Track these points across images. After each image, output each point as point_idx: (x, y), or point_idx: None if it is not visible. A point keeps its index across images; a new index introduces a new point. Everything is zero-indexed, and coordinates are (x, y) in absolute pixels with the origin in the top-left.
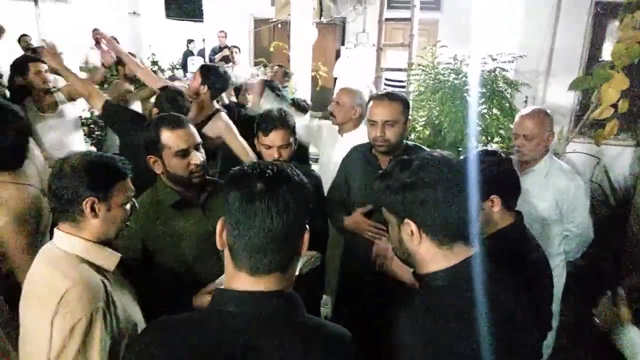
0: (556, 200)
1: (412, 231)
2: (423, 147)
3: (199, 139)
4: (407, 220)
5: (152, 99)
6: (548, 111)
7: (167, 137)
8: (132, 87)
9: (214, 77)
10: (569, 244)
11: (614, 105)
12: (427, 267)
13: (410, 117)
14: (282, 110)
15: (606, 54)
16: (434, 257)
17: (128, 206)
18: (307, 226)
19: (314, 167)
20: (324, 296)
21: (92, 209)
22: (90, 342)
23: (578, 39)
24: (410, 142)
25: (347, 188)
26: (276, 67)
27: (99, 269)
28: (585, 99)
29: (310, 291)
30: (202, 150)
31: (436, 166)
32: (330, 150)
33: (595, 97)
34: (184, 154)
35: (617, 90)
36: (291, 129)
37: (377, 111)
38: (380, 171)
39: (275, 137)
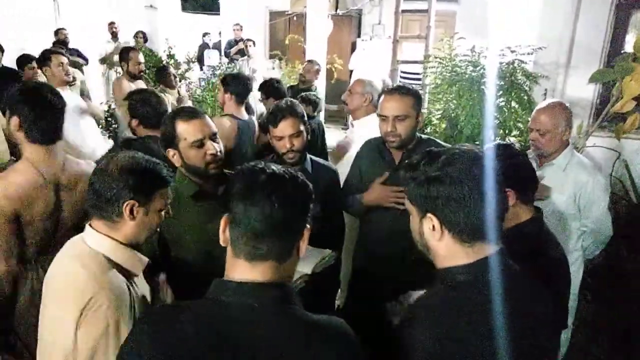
0: (574, 194)
1: (433, 226)
2: (437, 140)
3: (214, 129)
4: (429, 215)
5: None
6: (566, 104)
7: (183, 128)
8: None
9: (234, 84)
10: (586, 239)
11: (636, 99)
12: (446, 262)
13: (425, 110)
14: (288, 101)
15: (628, 46)
16: (454, 254)
17: (163, 213)
18: (307, 225)
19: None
20: (339, 291)
21: (131, 212)
22: (116, 345)
23: (599, 30)
24: (424, 136)
25: (361, 181)
26: (307, 63)
27: (123, 271)
28: (606, 92)
29: (325, 288)
30: (219, 141)
31: (464, 162)
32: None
33: (617, 90)
34: (200, 144)
35: (639, 83)
36: (300, 118)
37: (388, 105)
38: (407, 161)
39: (284, 127)
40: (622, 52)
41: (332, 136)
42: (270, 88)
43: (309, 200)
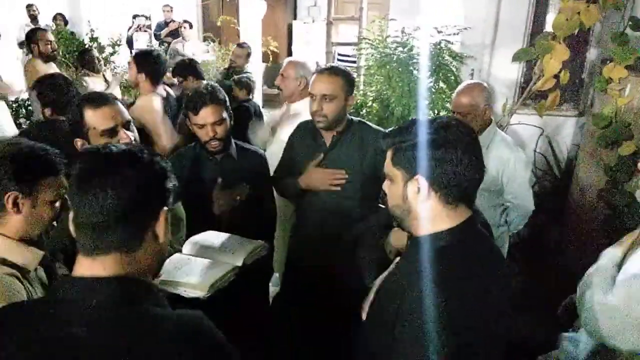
0: (497, 171)
1: (419, 188)
2: (368, 122)
3: (128, 117)
4: (417, 177)
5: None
6: (484, 84)
7: (91, 116)
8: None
9: (148, 63)
10: (510, 214)
11: (556, 77)
12: (427, 228)
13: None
14: (209, 85)
15: (549, 25)
16: (436, 216)
17: (57, 204)
18: (162, 206)
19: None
20: (275, 274)
21: (15, 204)
22: None
23: (522, 10)
24: (355, 118)
25: (294, 165)
26: (236, 47)
27: (18, 268)
28: (529, 71)
29: (257, 278)
30: (134, 129)
31: (456, 127)
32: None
33: (538, 69)
34: (111, 133)
35: (559, 61)
36: (223, 104)
37: (316, 85)
38: (390, 129)
39: (206, 114)
40: (543, 31)
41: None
42: (185, 67)
43: (158, 178)
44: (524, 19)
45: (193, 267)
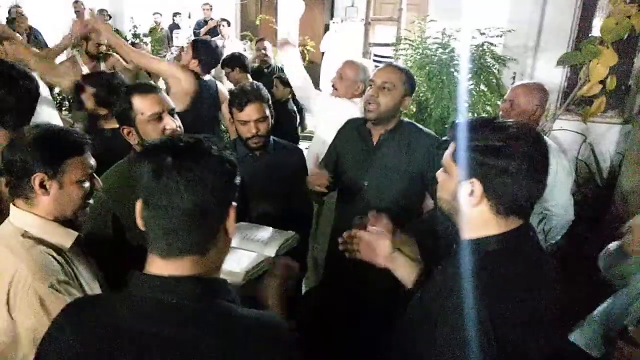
0: None
1: (473, 191)
2: (418, 125)
3: (172, 105)
4: (473, 180)
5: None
6: (545, 87)
7: (139, 102)
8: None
9: (205, 51)
10: (548, 223)
11: (602, 82)
12: (475, 231)
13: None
14: (254, 84)
15: (596, 30)
16: (485, 222)
17: (87, 184)
18: (232, 202)
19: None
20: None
21: (42, 186)
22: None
23: (568, 13)
24: (406, 119)
25: (335, 164)
26: (261, 42)
27: (54, 247)
28: (574, 76)
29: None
30: (177, 118)
31: (529, 139)
32: (320, 124)
33: (584, 74)
34: (158, 118)
35: (606, 67)
36: (266, 101)
37: (379, 73)
38: (461, 122)
39: (250, 111)
40: (589, 35)
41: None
42: (234, 59)
43: (230, 173)
44: (569, 22)
45: (228, 256)
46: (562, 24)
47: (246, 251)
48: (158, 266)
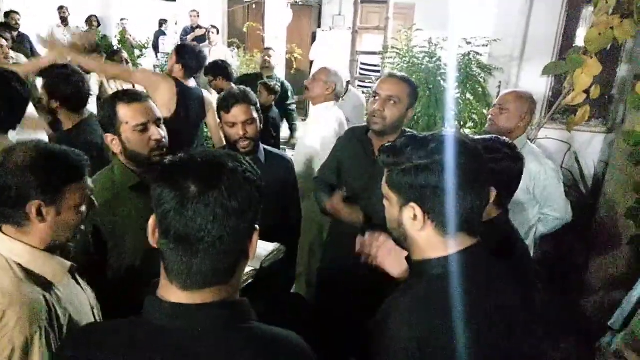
0: (526, 184)
1: (415, 215)
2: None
3: (158, 114)
4: (412, 204)
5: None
6: (534, 97)
7: (125, 111)
8: None
9: (188, 56)
10: (545, 225)
11: (586, 92)
12: (423, 254)
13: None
14: (241, 88)
15: (580, 40)
16: (434, 245)
17: (84, 208)
18: (256, 226)
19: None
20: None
21: (39, 213)
22: None
23: (552, 24)
24: (408, 131)
25: (338, 170)
26: (267, 51)
27: (42, 281)
28: (558, 85)
29: (275, 283)
30: (164, 127)
31: (455, 150)
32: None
33: (568, 83)
34: (143, 128)
35: (590, 76)
36: (254, 104)
37: (384, 85)
38: (387, 144)
39: (238, 112)
40: (573, 45)
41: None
42: (218, 67)
43: (256, 197)
44: (554, 32)
45: None
46: (547, 34)
47: None
48: (178, 296)
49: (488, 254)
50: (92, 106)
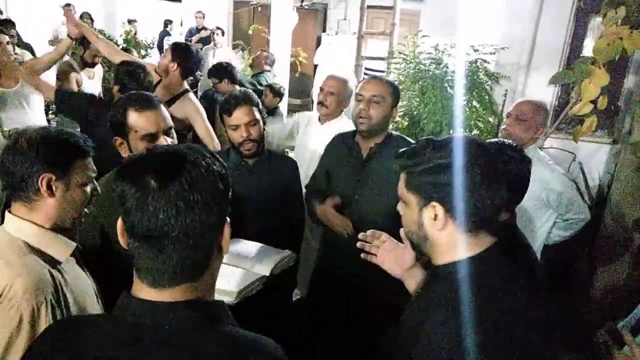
0: (539, 191)
1: (436, 215)
2: (407, 138)
3: (170, 123)
4: (434, 203)
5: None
6: (547, 108)
7: (135, 119)
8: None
9: (185, 55)
10: (566, 229)
11: (593, 102)
12: (447, 256)
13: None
14: (242, 89)
15: (587, 50)
16: (456, 245)
17: (88, 188)
18: (226, 218)
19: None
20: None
21: (49, 187)
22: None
23: (560, 33)
24: (394, 132)
25: (328, 177)
26: (262, 53)
27: (49, 259)
28: (564, 95)
29: (282, 286)
30: (174, 135)
31: (475, 150)
32: (307, 139)
33: (575, 93)
34: (151, 138)
35: (598, 86)
36: (256, 105)
37: (366, 86)
38: (403, 150)
39: (240, 114)
40: (581, 55)
41: None
42: (222, 70)
43: (222, 189)
44: (561, 42)
45: (221, 273)
46: (555, 44)
47: (239, 269)
48: (147, 293)
49: (504, 256)
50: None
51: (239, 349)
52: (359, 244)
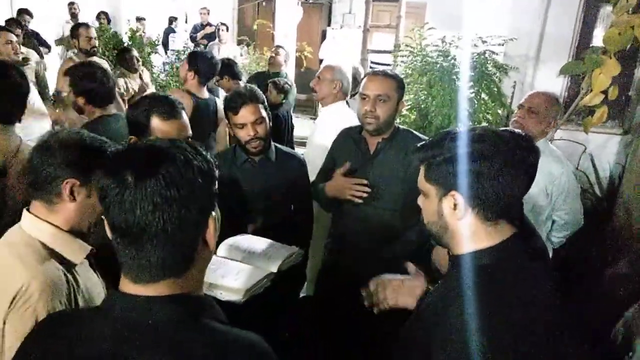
0: (545, 185)
1: (455, 204)
2: (414, 131)
3: (189, 132)
4: (453, 192)
5: None
6: (560, 100)
7: (158, 126)
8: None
9: (201, 63)
10: (559, 230)
11: (604, 92)
12: (466, 246)
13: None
14: (247, 86)
15: (597, 40)
16: (475, 234)
17: None
18: (211, 212)
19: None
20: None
21: (71, 192)
22: None
23: (569, 23)
24: (401, 126)
25: (334, 170)
26: (275, 49)
27: (63, 261)
28: (574, 86)
29: (290, 285)
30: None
31: (493, 139)
32: (313, 131)
33: (586, 84)
34: None
35: (609, 77)
36: (262, 103)
37: (370, 85)
38: (423, 143)
39: (246, 113)
40: (590, 46)
41: (301, 126)
42: (222, 67)
43: (204, 183)
44: (570, 32)
45: (228, 270)
46: (564, 34)
47: (246, 265)
48: (132, 288)
49: (526, 245)
50: None
51: (221, 344)
52: (365, 302)
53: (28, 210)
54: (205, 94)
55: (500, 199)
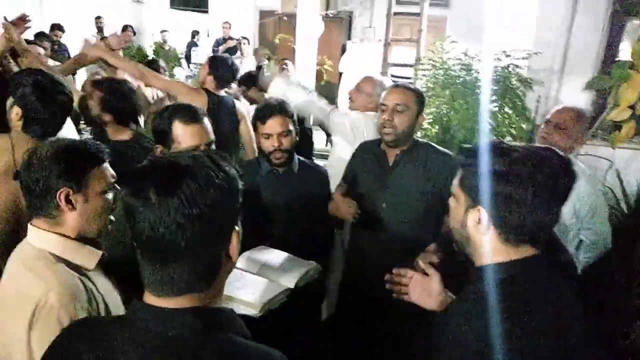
0: (573, 204)
1: (480, 219)
2: (434, 145)
3: (211, 137)
4: (479, 208)
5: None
6: (587, 116)
7: (180, 131)
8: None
9: (220, 67)
10: (585, 251)
11: (632, 107)
12: (486, 259)
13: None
14: (278, 99)
15: (623, 54)
16: (494, 250)
17: (110, 195)
18: (234, 227)
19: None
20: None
21: (68, 201)
22: None
23: (595, 37)
24: (421, 140)
25: (355, 185)
26: (282, 62)
27: (76, 268)
28: (600, 100)
29: (308, 300)
30: (214, 149)
31: (535, 165)
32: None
33: (613, 98)
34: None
35: (636, 91)
36: (290, 116)
37: (389, 96)
38: (469, 146)
39: (273, 124)
40: (616, 60)
41: (319, 139)
42: (250, 78)
43: (228, 198)
44: (596, 46)
45: (246, 283)
46: (589, 48)
47: (263, 279)
48: (154, 301)
49: (550, 265)
50: None
51: (239, 357)
52: (387, 286)
53: (32, 224)
54: (221, 93)
55: (525, 226)
